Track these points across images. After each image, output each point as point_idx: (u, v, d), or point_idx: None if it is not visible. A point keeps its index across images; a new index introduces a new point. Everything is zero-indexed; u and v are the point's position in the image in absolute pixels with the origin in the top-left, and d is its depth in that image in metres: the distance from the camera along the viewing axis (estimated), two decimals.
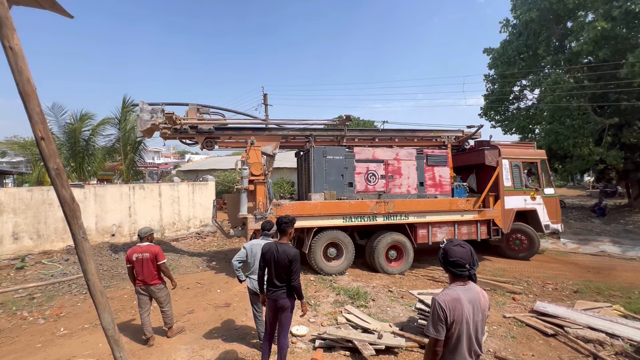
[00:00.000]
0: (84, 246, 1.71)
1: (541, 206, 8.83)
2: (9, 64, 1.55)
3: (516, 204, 8.52)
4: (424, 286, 6.56)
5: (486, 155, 8.44)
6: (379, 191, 7.82)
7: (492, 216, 8.25)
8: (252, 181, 7.13)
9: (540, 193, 8.86)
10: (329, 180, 7.56)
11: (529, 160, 9.03)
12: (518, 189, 8.60)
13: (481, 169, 8.87)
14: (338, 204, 7.29)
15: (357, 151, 7.80)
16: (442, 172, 8.28)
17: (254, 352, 4.06)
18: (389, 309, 5.36)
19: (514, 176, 8.58)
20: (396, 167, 7.99)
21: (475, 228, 8.20)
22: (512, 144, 9.53)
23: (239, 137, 8.11)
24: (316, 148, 7.66)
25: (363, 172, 7.77)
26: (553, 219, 8.89)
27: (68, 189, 1.68)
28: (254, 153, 7.40)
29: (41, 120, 1.58)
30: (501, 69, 17.52)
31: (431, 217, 7.82)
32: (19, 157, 15.58)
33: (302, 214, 6.95)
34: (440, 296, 1.92)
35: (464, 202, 8.03)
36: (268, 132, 8.24)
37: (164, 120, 7.36)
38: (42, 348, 4.24)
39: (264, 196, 7.19)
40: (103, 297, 1.77)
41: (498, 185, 8.35)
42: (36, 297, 6.06)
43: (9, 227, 9.01)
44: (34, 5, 2.06)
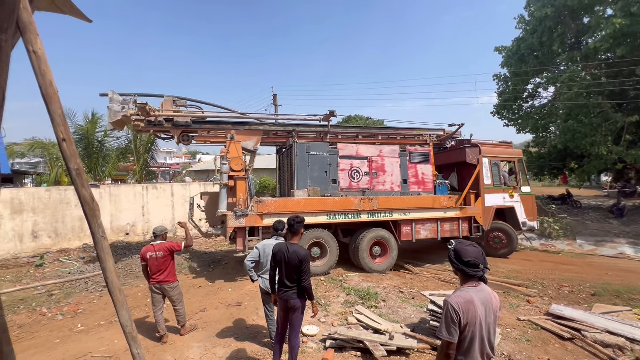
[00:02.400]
0: (103, 244, 1.76)
1: (519, 204, 9.14)
2: (33, 67, 1.60)
3: (495, 201, 8.79)
4: (435, 287, 6.49)
5: (467, 153, 8.63)
6: (363, 188, 7.79)
7: (473, 213, 8.46)
8: (232, 177, 6.93)
9: (517, 191, 9.17)
10: (312, 176, 7.44)
11: (507, 159, 9.40)
12: (497, 187, 8.91)
13: (462, 167, 9.10)
14: (322, 201, 7.19)
15: (340, 147, 7.73)
16: (425, 169, 8.42)
17: (265, 351, 4.09)
18: (399, 310, 5.32)
19: (494, 174, 8.89)
20: (380, 164, 7.99)
21: (457, 225, 8.36)
22: (491, 143, 9.74)
23: (218, 131, 7.78)
24: (299, 143, 7.50)
25: (347, 169, 7.71)
26: (529, 216, 9.22)
27: (88, 189, 1.73)
28: (234, 148, 7.16)
29: (62, 122, 1.63)
30: (514, 67, 17.20)
31: (415, 214, 7.91)
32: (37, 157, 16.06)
33: (284, 211, 6.82)
34: (453, 298, 1.89)
35: (446, 200, 8.18)
36: (249, 126, 7.94)
37: (137, 111, 6.87)
38: (60, 343, 4.36)
39: (245, 192, 6.98)
40: (121, 294, 1.82)
41: (478, 183, 8.60)
42: (54, 293, 6.24)
43: (28, 226, 9.30)
44: (55, 10, 2.12)
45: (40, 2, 1.83)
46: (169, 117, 7.19)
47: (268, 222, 6.75)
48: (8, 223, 9.01)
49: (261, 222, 6.76)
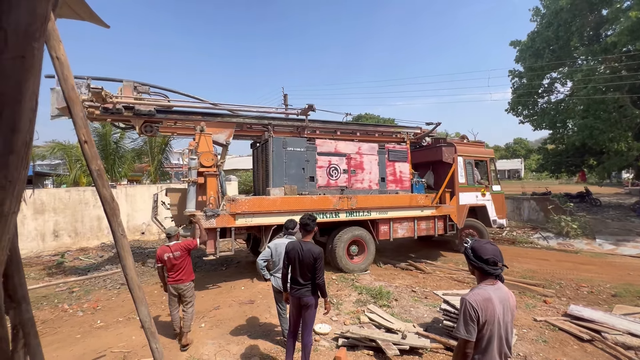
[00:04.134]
0: (122, 243, 1.82)
1: (490, 202, 9.38)
2: (56, 72, 1.67)
3: (469, 200, 8.97)
4: (449, 287, 6.42)
5: (443, 152, 8.69)
6: (341, 186, 7.62)
7: (448, 212, 8.53)
8: (201, 173, 6.42)
9: (489, 190, 9.40)
10: (289, 173, 7.10)
11: (480, 158, 9.54)
12: (471, 186, 9.08)
13: (437, 165, 9.25)
14: (299, 200, 6.86)
15: (319, 143, 7.49)
16: (403, 167, 8.39)
17: (278, 349, 4.13)
18: (412, 309, 5.29)
19: (467, 173, 9.05)
20: (358, 162, 7.87)
21: (433, 224, 8.44)
22: (466, 142, 9.87)
23: (186, 122, 7.13)
24: (275, 138, 7.11)
25: (325, 166, 7.48)
26: (499, 214, 9.53)
27: (108, 189, 1.80)
28: (204, 141, 6.60)
29: (84, 124, 1.70)
30: (529, 62, 16.78)
31: (393, 213, 7.86)
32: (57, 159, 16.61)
33: (259, 211, 6.49)
34: (471, 296, 1.87)
35: (423, 198, 8.20)
36: (221, 118, 7.34)
37: (90, 97, 6.08)
38: (81, 339, 4.51)
39: (216, 190, 6.53)
40: (140, 291, 1.88)
41: (454, 181, 8.71)
42: (75, 291, 6.46)
43: (50, 225, 9.63)
44: (75, 17, 2.20)
45: (62, 10, 1.91)
46: (129, 104, 6.45)
47: (242, 223, 6.38)
48: (31, 223, 9.37)
49: (234, 222, 6.30)
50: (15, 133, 0.67)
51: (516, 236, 11.81)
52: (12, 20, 0.62)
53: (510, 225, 13.72)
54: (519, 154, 59.42)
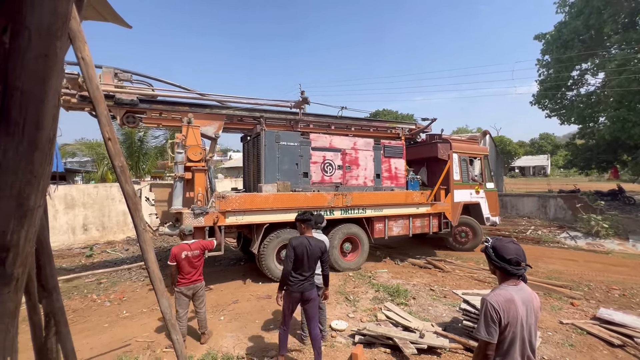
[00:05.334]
0: (145, 237, 1.89)
1: (484, 200, 9.31)
2: (81, 72, 1.74)
3: (464, 197, 8.92)
4: (468, 286, 6.26)
5: (439, 149, 8.60)
6: (336, 182, 7.34)
7: (443, 209, 8.44)
8: (189, 168, 6.09)
9: (483, 187, 9.32)
10: (282, 169, 6.77)
11: (474, 155, 9.41)
12: (465, 183, 8.98)
13: (431, 162, 9.17)
14: (293, 197, 6.54)
15: (313, 138, 7.16)
16: (398, 164, 8.19)
17: (296, 343, 4.18)
18: (430, 308, 5.20)
19: (462, 170, 8.93)
20: (353, 158, 7.61)
21: (428, 221, 8.32)
22: (461, 139, 9.86)
23: (172, 113, 6.64)
24: (268, 132, 6.75)
25: (319, 162, 7.18)
26: (493, 211, 9.47)
27: (131, 185, 1.86)
28: (191, 134, 6.23)
29: (108, 122, 1.76)
30: (556, 54, 15.98)
31: (388, 210, 7.69)
32: (86, 157, 17.43)
33: (251, 208, 6.15)
34: (492, 296, 1.81)
35: (418, 195, 8.06)
36: (209, 109, 6.88)
37: (66, 84, 5.51)
38: (108, 328, 4.73)
39: (204, 186, 6.17)
40: (161, 284, 1.94)
41: (449, 178, 8.61)
42: (103, 282, 6.77)
43: (79, 220, 10.13)
44: (99, 18, 2.28)
45: (88, 12, 1.98)
46: (109, 93, 5.89)
47: (232, 221, 6.03)
48: (63, 217, 9.89)
49: (224, 220, 5.94)
50: (39, 130, 0.69)
51: (541, 235, 11.35)
52: (35, 19, 0.65)
53: (534, 224, 13.21)
54: (545, 150, 56.94)
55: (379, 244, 9.66)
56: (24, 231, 0.70)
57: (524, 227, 12.67)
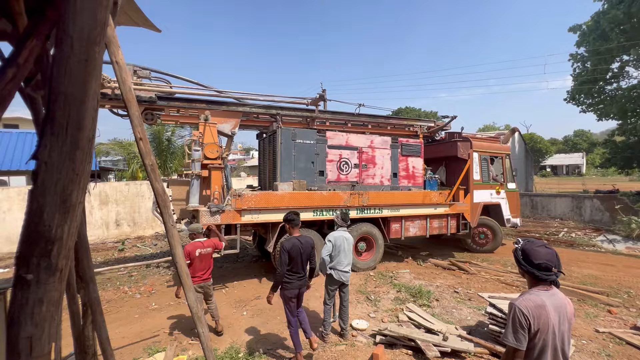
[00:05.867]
0: (173, 232, 1.97)
1: (504, 200, 9.01)
2: (115, 76, 1.84)
3: (483, 198, 8.64)
4: (495, 289, 6.04)
5: (459, 147, 8.36)
6: (352, 181, 7.24)
7: (462, 210, 8.22)
8: (205, 166, 6.07)
9: (504, 188, 9.00)
10: (297, 167, 6.70)
11: (496, 154, 9.10)
12: (486, 183, 8.70)
13: (450, 161, 8.89)
14: (309, 196, 6.46)
15: (329, 136, 7.07)
16: (416, 163, 7.97)
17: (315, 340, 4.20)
18: (454, 311, 5.07)
19: (483, 170, 8.68)
20: (370, 156, 7.46)
21: (446, 222, 8.12)
22: (482, 137, 9.57)
23: (190, 110, 6.69)
24: (284, 130, 6.70)
25: (335, 160, 7.09)
26: (513, 213, 9.13)
27: (160, 183, 1.94)
28: (208, 131, 6.20)
29: (139, 123, 1.85)
30: (593, 45, 15.00)
31: (405, 210, 7.54)
32: (118, 156, 18.36)
33: (266, 207, 6.11)
34: (522, 301, 1.73)
35: (437, 195, 7.85)
36: (226, 107, 6.84)
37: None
38: (139, 319, 4.97)
39: (221, 184, 6.14)
40: (188, 279, 2.02)
41: (468, 178, 8.35)
42: (133, 275, 7.11)
43: (112, 215, 10.70)
44: (131, 24, 2.39)
45: (121, 17, 2.08)
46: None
47: (248, 220, 6.04)
48: (97, 213, 10.47)
49: (240, 219, 5.94)
50: (80, 131, 0.74)
51: (575, 238, 10.74)
52: (76, 27, 0.69)
53: (567, 226, 12.52)
54: (581, 147, 53.77)
55: (401, 244, 9.51)
56: (67, 226, 0.76)
57: (556, 229, 12.04)
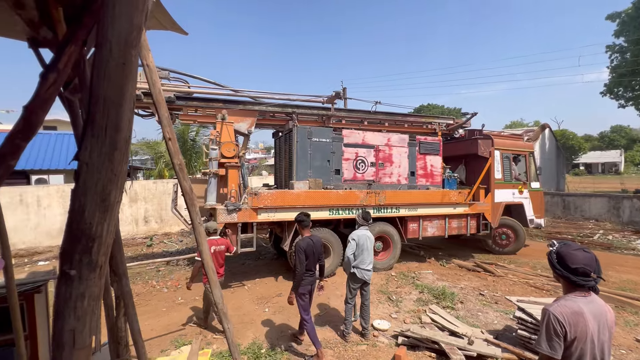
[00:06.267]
0: (200, 230, 2.02)
1: (527, 200, 8.71)
2: (146, 78, 1.90)
3: (505, 197, 8.38)
4: (524, 293, 5.79)
5: (479, 145, 8.15)
6: (369, 180, 7.12)
7: (482, 210, 7.98)
8: (222, 164, 6.12)
9: (527, 187, 8.69)
10: (313, 166, 6.67)
11: (519, 152, 8.77)
12: (508, 182, 8.41)
13: (470, 159, 8.71)
14: (325, 194, 6.42)
15: (345, 134, 6.99)
16: (434, 161, 7.81)
17: (337, 340, 4.20)
18: (480, 314, 4.91)
19: (505, 168, 8.37)
20: (387, 154, 7.31)
21: (466, 222, 7.91)
22: (503, 135, 9.25)
23: (207, 109, 6.75)
24: (300, 128, 6.67)
25: (352, 158, 7.01)
26: (537, 213, 8.82)
27: (188, 182, 2.00)
28: (225, 130, 6.28)
29: (168, 124, 1.91)
30: (634, 34, 14.01)
31: (423, 210, 7.38)
32: (146, 155, 19.13)
33: (282, 206, 6.12)
34: (557, 307, 1.64)
35: (456, 195, 7.65)
36: (243, 106, 6.90)
37: None
38: (166, 312, 5.16)
39: (237, 183, 6.17)
40: (214, 275, 2.07)
41: (489, 177, 8.11)
42: (161, 270, 7.40)
43: (141, 212, 11.17)
44: (160, 27, 2.47)
45: (150, 22, 2.15)
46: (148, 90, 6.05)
47: (264, 218, 6.08)
48: (127, 210, 10.96)
49: (256, 217, 5.99)
50: (118, 132, 0.77)
51: (612, 240, 10.10)
52: (115, 31, 0.72)
53: (604, 228, 11.80)
54: (618, 144, 50.47)
55: (423, 243, 9.33)
56: (106, 224, 0.79)
57: (591, 231, 11.38)
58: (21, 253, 8.85)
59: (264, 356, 3.80)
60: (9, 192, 9.21)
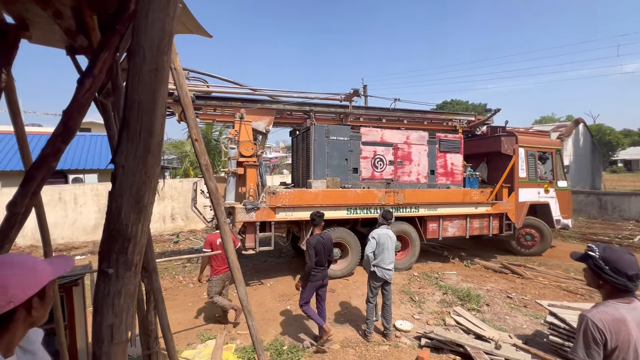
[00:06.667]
0: (225, 228, 2.07)
1: (554, 200, 8.35)
2: (174, 81, 1.97)
3: (530, 196, 8.03)
4: (555, 297, 5.51)
5: (502, 142, 7.83)
6: (387, 179, 7.01)
7: (505, 210, 7.73)
8: (241, 163, 6.15)
9: (554, 186, 8.32)
10: (331, 164, 6.63)
11: (545, 149, 8.38)
12: (533, 181, 8.06)
13: (493, 157, 8.42)
14: (342, 193, 6.39)
15: (363, 132, 6.89)
16: (455, 159, 7.58)
17: (359, 339, 4.18)
18: (507, 318, 4.73)
19: (530, 166, 8.04)
20: (406, 152, 7.15)
21: (488, 222, 7.68)
22: (528, 132, 8.86)
23: (225, 108, 6.78)
24: (317, 126, 6.62)
25: (370, 157, 6.91)
26: (564, 213, 8.45)
27: (214, 181, 2.05)
28: (244, 129, 6.29)
29: (195, 125, 1.96)
30: None
31: (443, 209, 7.20)
32: (172, 155, 19.83)
33: (300, 205, 6.10)
34: (596, 314, 1.54)
35: (478, 194, 7.41)
36: (261, 104, 6.92)
37: None
38: (192, 307, 5.34)
39: (256, 182, 6.20)
40: (239, 273, 2.11)
41: (513, 175, 7.81)
42: (187, 266, 7.66)
43: (168, 210, 11.60)
44: (186, 31, 2.54)
45: (177, 27, 2.22)
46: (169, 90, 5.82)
47: (282, 217, 6.09)
48: (155, 207, 11.40)
49: (274, 216, 6.02)
50: (151, 136, 0.80)
51: None
52: (148, 38, 0.74)
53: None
54: None
55: (446, 244, 9.10)
56: (141, 224, 0.83)
57: (630, 233, 10.65)
58: (60, 247, 9.43)
59: (286, 353, 3.85)
60: (50, 191, 9.84)
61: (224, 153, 6.77)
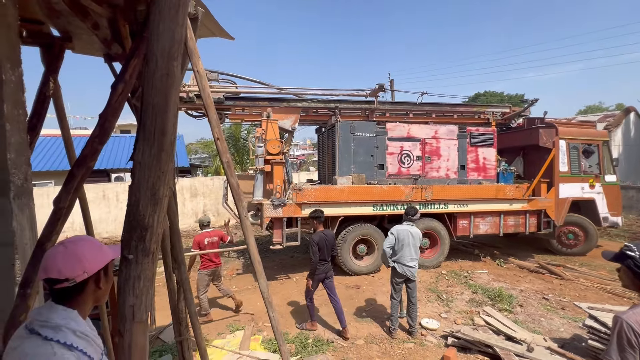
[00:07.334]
0: (246, 223, 2.17)
1: (600, 195, 7.71)
2: (197, 83, 2.08)
3: (572, 192, 7.46)
4: (598, 300, 5.14)
5: (541, 135, 7.33)
6: (414, 175, 6.83)
7: (544, 206, 7.24)
8: (268, 161, 6.26)
9: (600, 180, 7.68)
10: (357, 161, 6.61)
11: (589, 142, 7.73)
12: (575, 175, 7.50)
13: (529, 150, 7.92)
14: (368, 190, 6.35)
15: (389, 128, 6.77)
16: (487, 153, 7.22)
17: (383, 336, 4.18)
18: (542, 320, 4.49)
19: (572, 160, 7.48)
20: (434, 147, 6.91)
21: (524, 219, 7.27)
22: (570, 123, 8.31)
23: (253, 108, 7.02)
24: (342, 123, 6.65)
25: (396, 153, 6.77)
26: (613, 210, 7.78)
27: (235, 178, 2.15)
28: (270, 128, 6.41)
29: (217, 125, 2.07)
30: None
31: (474, 206, 6.91)
32: (204, 153, 20.72)
33: (326, 201, 6.15)
34: (632, 315, 1.46)
35: (512, 190, 7.03)
36: (287, 103, 7.05)
37: None
38: (223, 299, 5.57)
39: (282, 179, 6.33)
40: (260, 266, 2.20)
41: (552, 170, 7.31)
42: None
43: (200, 206, 12.17)
44: (209, 35, 2.67)
45: (201, 31, 2.34)
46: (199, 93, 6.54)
47: (308, 213, 6.07)
48: (189, 204, 12.03)
49: (300, 212, 6.14)
50: (164, 135, 0.88)
51: None
52: (159, 45, 0.82)
53: None
54: None
55: (478, 241, 8.74)
56: (156, 215, 0.91)
57: None
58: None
59: (311, 346, 3.93)
60: (94, 189, 10.69)
61: (252, 151, 6.89)
